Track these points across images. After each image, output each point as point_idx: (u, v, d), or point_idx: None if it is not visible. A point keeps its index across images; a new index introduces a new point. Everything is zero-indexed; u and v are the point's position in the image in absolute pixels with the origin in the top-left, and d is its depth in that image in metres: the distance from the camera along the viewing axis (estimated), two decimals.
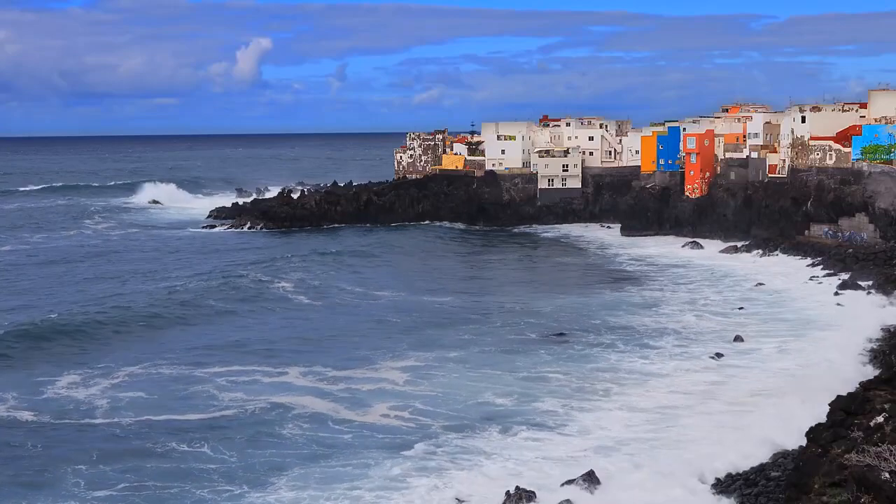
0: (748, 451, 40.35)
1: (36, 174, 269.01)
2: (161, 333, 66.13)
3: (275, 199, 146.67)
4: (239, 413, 47.82)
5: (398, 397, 50.62)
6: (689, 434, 43.73)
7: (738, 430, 43.63)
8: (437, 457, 41.81)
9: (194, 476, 39.77)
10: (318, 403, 49.44)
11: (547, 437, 43.88)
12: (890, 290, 70.14)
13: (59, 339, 62.99)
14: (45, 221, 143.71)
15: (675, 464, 39.70)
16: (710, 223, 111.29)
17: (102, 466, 40.82)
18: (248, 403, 49.31)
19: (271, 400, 49.68)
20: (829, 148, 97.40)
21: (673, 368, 55.55)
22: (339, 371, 55.70)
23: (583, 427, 45.16)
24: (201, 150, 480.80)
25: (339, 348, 61.50)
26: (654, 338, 63.41)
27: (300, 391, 51.79)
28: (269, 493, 38.08)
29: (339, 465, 40.97)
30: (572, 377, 53.93)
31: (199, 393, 51.39)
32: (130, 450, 42.82)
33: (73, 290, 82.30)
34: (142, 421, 46.74)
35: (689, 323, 68.12)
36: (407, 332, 65.73)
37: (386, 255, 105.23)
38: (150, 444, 43.35)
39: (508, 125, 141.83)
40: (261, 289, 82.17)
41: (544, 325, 67.45)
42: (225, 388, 52.24)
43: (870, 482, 27.12)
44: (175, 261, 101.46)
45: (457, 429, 45.44)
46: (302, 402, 49.40)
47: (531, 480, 37.89)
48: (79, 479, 39.31)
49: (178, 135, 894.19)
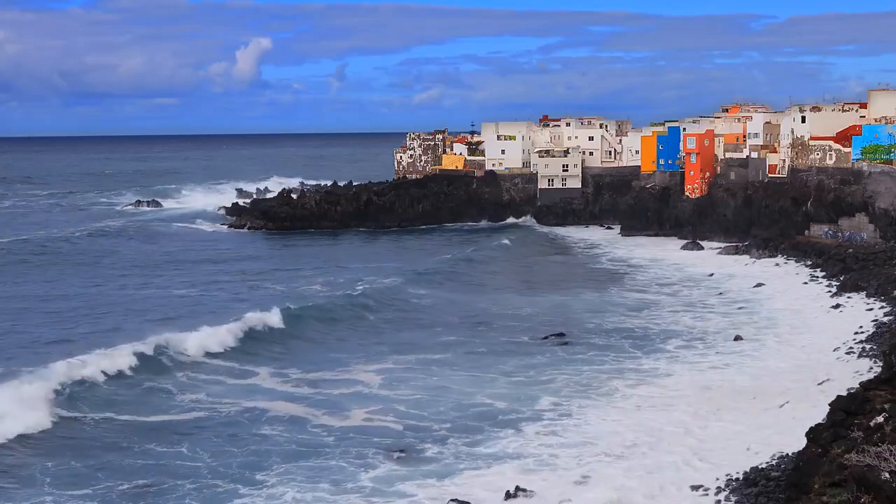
0: (748, 451, 40.35)
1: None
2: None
3: (275, 199, 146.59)
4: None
5: (394, 398, 50.48)
6: (689, 434, 43.68)
7: (738, 429, 43.63)
8: (436, 457, 41.75)
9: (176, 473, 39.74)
10: (294, 408, 48.89)
11: (547, 437, 43.78)
12: (889, 291, 70.08)
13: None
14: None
15: (675, 464, 39.73)
16: (710, 223, 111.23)
17: (74, 463, 40.66)
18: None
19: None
20: (829, 148, 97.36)
21: (673, 369, 55.53)
22: (320, 373, 55.40)
23: (582, 427, 45.07)
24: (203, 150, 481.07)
25: (314, 351, 61.33)
26: (654, 338, 63.41)
27: (279, 395, 51.82)
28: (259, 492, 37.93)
29: (335, 466, 40.81)
30: (571, 377, 53.89)
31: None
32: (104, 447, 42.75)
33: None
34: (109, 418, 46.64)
35: (688, 323, 68.11)
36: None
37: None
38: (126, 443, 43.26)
39: (508, 125, 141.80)
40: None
41: (544, 325, 67.38)
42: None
43: (870, 482, 27.07)
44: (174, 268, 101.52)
45: (457, 429, 45.37)
46: (285, 407, 48.97)
47: (531, 480, 37.87)
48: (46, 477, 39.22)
49: (177, 135, 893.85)
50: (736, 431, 43.46)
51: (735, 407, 47.45)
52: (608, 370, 55.44)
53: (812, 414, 41.39)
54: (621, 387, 51.77)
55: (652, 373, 54.68)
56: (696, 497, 36.04)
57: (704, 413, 46.71)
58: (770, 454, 39.46)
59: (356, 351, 60.71)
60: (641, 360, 57.55)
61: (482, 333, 65.42)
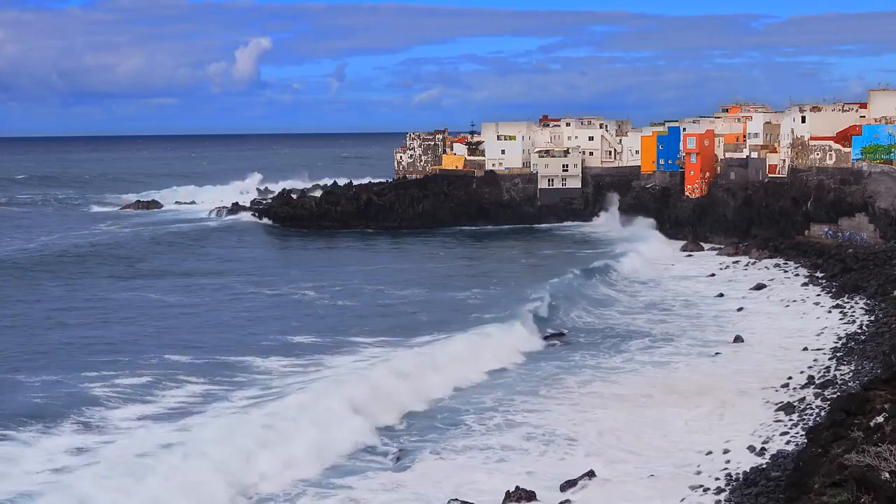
0: (748, 451, 40.38)
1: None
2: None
3: (275, 199, 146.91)
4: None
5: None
6: (690, 434, 43.71)
7: (738, 429, 43.64)
8: (437, 456, 41.76)
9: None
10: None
11: (547, 437, 43.78)
12: (889, 291, 70.10)
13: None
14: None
15: (676, 463, 39.76)
16: (710, 223, 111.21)
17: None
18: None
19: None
20: (829, 148, 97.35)
21: (673, 369, 55.54)
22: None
23: (582, 427, 45.02)
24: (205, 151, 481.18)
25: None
26: (653, 338, 63.42)
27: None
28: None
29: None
30: (571, 377, 53.93)
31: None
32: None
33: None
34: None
35: (688, 323, 68.12)
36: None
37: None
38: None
39: (508, 125, 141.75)
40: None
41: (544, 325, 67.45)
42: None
43: (870, 482, 27.06)
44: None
45: (456, 428, 45.45)
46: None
47: (531, 480, 37.87)
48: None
49: (177, 135, 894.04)
50: (736, 431, 43.45)
51: (735, 407, 47.45)
52: (607, 368, 55.46)
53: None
54: (621, 387, 51.77)
55: (652, 373, 54.64)
56: (696, 496, 36.03)
57: (705, 413, 46.73)
58: (770, 454, 39.52)
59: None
60: (641, 360, 57.52)
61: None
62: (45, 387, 50.63)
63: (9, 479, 37.92)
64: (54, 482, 37.17)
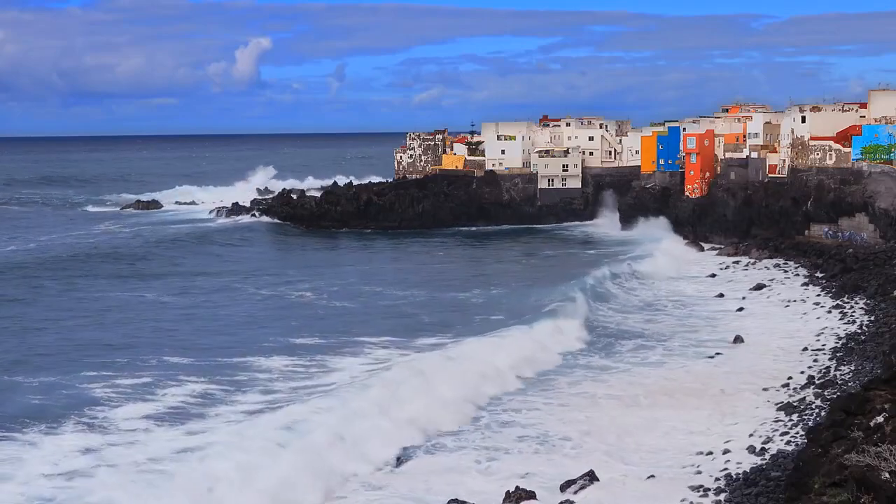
0: (748, 451, 40.42)
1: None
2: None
3: (275, 199, 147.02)
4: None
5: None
6: (690, 434, 43.70)
7: (738, 430, 43.66)
8: (436, 456, 41.82)
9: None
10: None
11: (547, 437, 43.80)
12: (889, 291, 70.13)
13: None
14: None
15: (676, 464, 39.77)
16: (710, 223, 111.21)
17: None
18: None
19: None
20: (829, 148, 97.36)
21: (672, 368, 55.55)
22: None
23: (582, 427, 45.05)
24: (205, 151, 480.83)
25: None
26: (653, 338, 63.41)
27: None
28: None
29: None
30: (571, 376, 53.97)
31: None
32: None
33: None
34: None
35: (688, 323, 68.14)
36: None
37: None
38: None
39: (508, 125, 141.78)
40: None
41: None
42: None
43: (870, 482, 27.09)
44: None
45: (456, 426, 45.44)
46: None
47: (531, 480, 37.89)
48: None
49: (177, 135, 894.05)
50: (736, 431, 43.49)
51: (735, 407, 47.48)
52: (607, 368, 55.50)
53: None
54: (621, 386, 51.77)
55: (652, 373, 54.61)
56: (696, 496, 36.06)
57: (705, 413, 46.75)
58: (770, 454, 39.55)
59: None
60: (641, 360, 57.56)
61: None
62: (45, 387, 50.66)
63: (15, 481, 37.75)
64: (67, 487, 36.97)
